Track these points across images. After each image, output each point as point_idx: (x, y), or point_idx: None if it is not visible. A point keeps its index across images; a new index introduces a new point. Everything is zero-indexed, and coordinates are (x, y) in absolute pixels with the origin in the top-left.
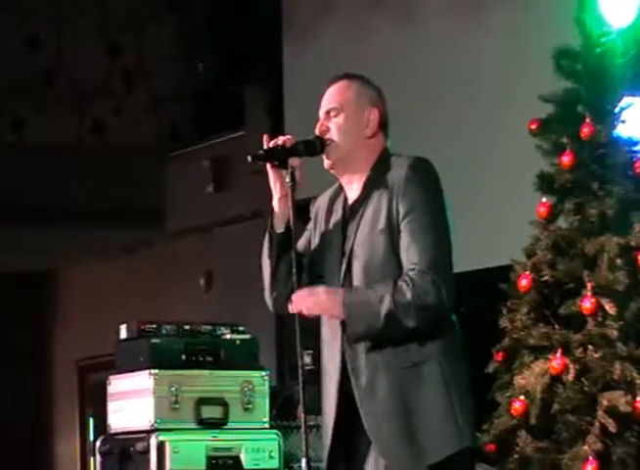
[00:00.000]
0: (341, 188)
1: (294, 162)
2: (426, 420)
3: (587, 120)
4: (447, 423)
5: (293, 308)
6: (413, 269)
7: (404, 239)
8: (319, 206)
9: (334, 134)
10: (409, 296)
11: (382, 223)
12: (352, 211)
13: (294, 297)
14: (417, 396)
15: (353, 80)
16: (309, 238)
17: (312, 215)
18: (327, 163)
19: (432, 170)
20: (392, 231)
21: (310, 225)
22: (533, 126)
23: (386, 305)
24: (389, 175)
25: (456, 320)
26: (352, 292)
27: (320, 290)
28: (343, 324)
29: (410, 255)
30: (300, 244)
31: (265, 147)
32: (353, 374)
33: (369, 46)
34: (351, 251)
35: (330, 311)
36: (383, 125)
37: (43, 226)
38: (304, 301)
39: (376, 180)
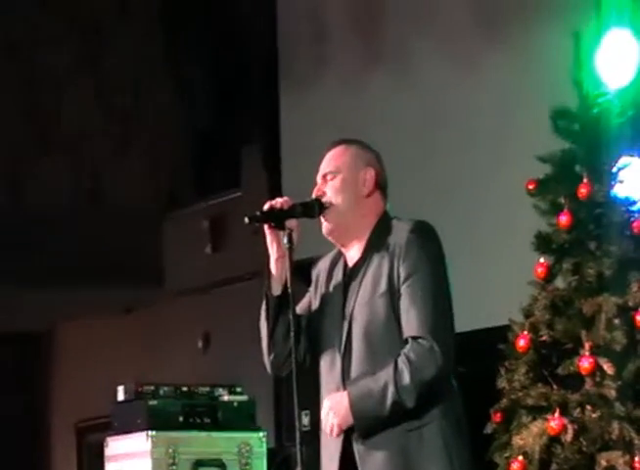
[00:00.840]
0: (340, 253)
1: (291, 223)
2: None
3: (585, 180)
4: None
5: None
6: (411, 339)
7: (404, 302)
8: (320, 269)
9: (331, 196)
10: (408, 378)
11: (383, 287)
12: (353, 274)
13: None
14: (418, 459)
15: (350, 145)
16: (310, 300)
17: (313, 278)
18: (326, 227)
19: (433, 234)
20: (393, 294)
21: (311, 288)
22: (531, 186)
23: (390, 396)
24: (391, 238)
25: (456, 382)
26: (355, 388)
27: (326, 407)
28: (344, 384)
29: (409, 320)
30: (301, 306)
31: (263, 209)
32: (355, 437)
33: (365, 100)
34: (352, 314)
35: (346, 422)
36: (380, 187)
37: (39, 286)
38: (330, 426)
39: (377, 243)
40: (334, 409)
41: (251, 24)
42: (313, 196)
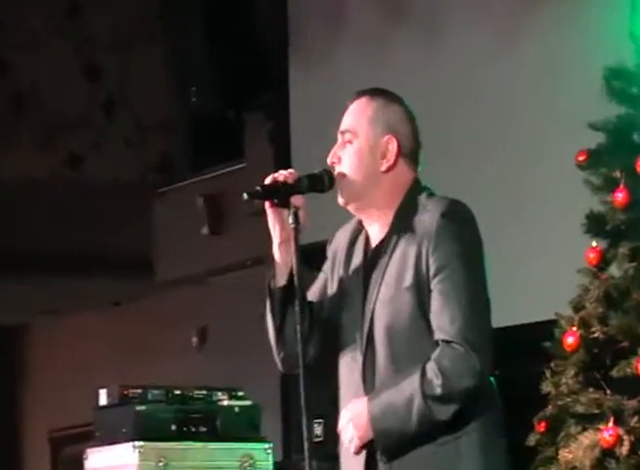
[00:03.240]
0: (361, 225)
1: (296, 200)
2: None
3: None
4: None
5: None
6: (443, 343)
7: (435, 301)
8: (338, 245)
9: (345, 167)
10: (439, 390)
11: (408, 280)
12: (375, 259)
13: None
14: None
15: (374, 98)
16: (325, 283)
17: (329, 255)
18: (341, 200)
19: (468, 217)
20: (421, 290)
21: (327, 266)
22: (581, 158)
23: (416, 408)
24: (418, 221)
25: (495, 385)
26: (376, 402)
27: (345, 418)
28: (365, 393)
29: (441, 321)
30: (314, 290)
31: (263, 183)
32: (379, 455)
33: (387, 66)
34: (373, 311)
35: (367, 436)
36: (408, 154)
37: (13, 276)
38: (349, 438)
39: (402, 225)
40: (354, 421)
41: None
42: (328, 161)
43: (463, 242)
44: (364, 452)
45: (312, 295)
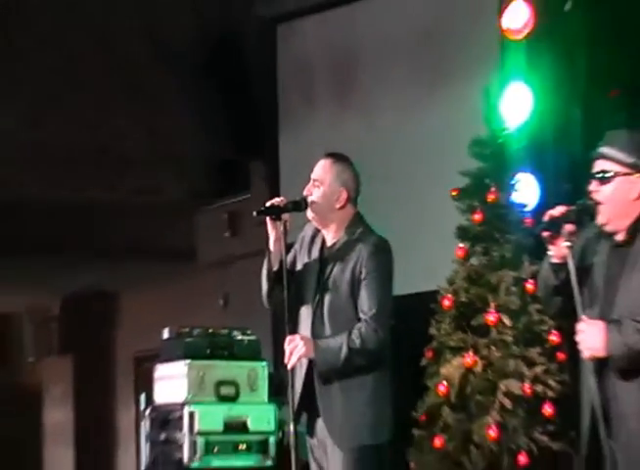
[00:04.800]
0: (319, 230)
1: (285, 216)
2: (357, 412)
3: (492, 190)
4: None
5: (290, 362)
6: (363, 319)
7: (361, 293)
8: (305, 234)
9: (314, 198)
10: (358, 345)
11: (347, 277)
12: (328, 254)
13: (289, 349)
14: (359, 395)
15: (336, 163)
16: (295, 256)
17: (299, 238)
18: (310, 215)
19: (388, 251)
20: (354, 285)
21: (297, 246)
22: (454, 193)
23: (343, 353)
24: (359, 246)
25: (389, 346)
26: (321, 342)
27: (298, 338)
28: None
29: (363, 306)
30: (288, 259)
31: (266, 205)
32: (315, 374)
33: (340, 135)
34: (324, 288)
35: (308, 355)
36: (352, 199)
37: (112, 263)
38: (292, 349)
39: (348, 245)
40: (304, 341)
41: (258, 78)
42: (304, 193)
43: (382, 266)
44: (305, 374)
45: (288, 263)
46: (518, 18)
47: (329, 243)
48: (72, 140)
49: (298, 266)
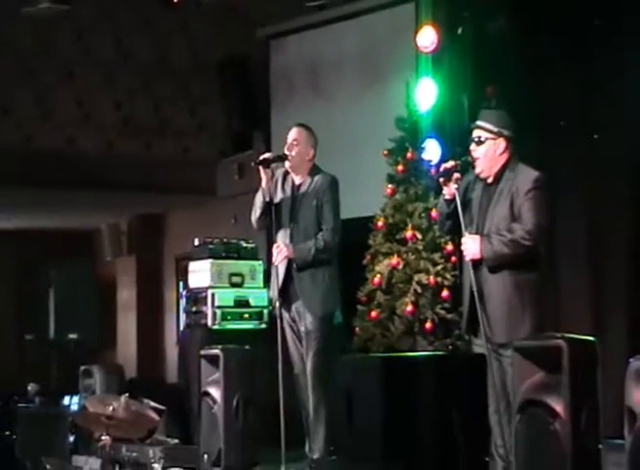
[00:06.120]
0: (288, 173)
1: (272, 166)
2: (320, 289)
3: (410, 150)
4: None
5: (276, 260)
6: (324, 229)
7: (324, 213)
8: (279, 173)
9: (292, 154)
10: (321, 246)
11: (313, 203)
12: (298, 192)
13: (279, 249)
14: (320, 279)
15: (305, 130)
16: (275, 187)
17: (278, 174)
18: (288, 165)
19: (337, 185)
20: (318, 208)
21: (275, 179)
22: (385, 153)
23: (312, 251)
24: (319, 181)
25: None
26: (297, 246)
27: (283, 245)
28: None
29: (325, 221)
30: (269, 190)
31: (260, 158)
32: (294, 267)
33: (310, 114)
34: (297, 211)
35: (289, 255)
36: (315, 154)
37: (156, 193)
38: (278, 252)
39: (311, 182)
40: (286, 246)
41: (258, 78)
42: (285, 151)
43: (336, 193)
44: (285, 265)
45: (268, 190)
46: (427, 38)
47: (297, 182)
48: (150, 116)
49: (276, 200)
